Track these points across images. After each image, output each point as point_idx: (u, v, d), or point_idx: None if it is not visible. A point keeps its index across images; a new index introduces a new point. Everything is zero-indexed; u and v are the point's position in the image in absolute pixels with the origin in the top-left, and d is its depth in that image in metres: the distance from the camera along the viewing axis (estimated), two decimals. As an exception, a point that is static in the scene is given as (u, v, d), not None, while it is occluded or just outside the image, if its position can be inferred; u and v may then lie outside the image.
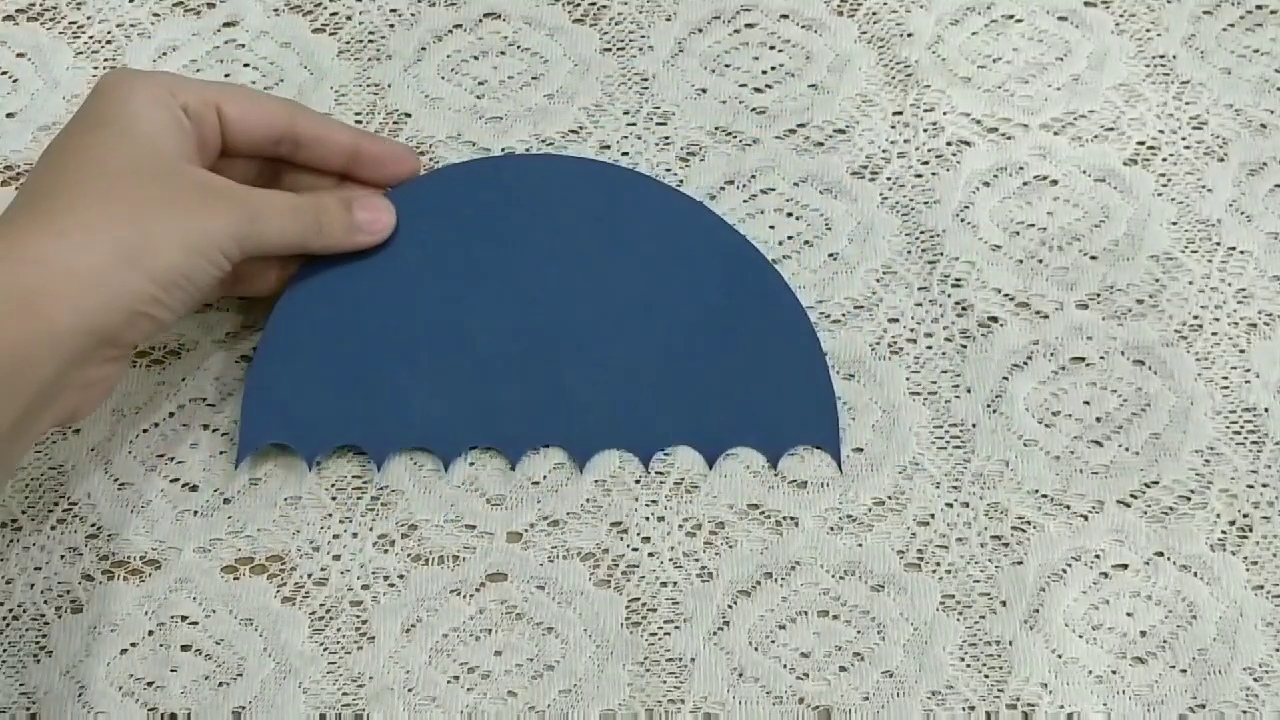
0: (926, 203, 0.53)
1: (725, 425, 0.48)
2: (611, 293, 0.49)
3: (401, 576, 0.47)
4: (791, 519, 0.47)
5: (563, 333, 0.49)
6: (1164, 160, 0.54)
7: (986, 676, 0.45)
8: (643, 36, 0.56)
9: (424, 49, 0.56)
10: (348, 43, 0.56)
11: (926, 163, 0.54)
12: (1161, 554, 0.47)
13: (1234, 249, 0.52)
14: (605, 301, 0.49)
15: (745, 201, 0.53)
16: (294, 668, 0.45)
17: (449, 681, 0.45)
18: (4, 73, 0.56)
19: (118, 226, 0.41)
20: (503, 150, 0.53)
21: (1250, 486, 0.48)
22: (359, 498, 0.48)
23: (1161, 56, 0.56)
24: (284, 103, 0.48)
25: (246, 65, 0.56)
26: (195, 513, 0.48)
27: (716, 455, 0.48)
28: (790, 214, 0.53)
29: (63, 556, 0.47)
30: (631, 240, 0.50)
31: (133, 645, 0.46)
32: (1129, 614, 0.46)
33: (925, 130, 0.54)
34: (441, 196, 0.51)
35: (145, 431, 0.49)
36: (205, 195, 0.43)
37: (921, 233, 0.52)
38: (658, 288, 0.50)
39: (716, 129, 0.54)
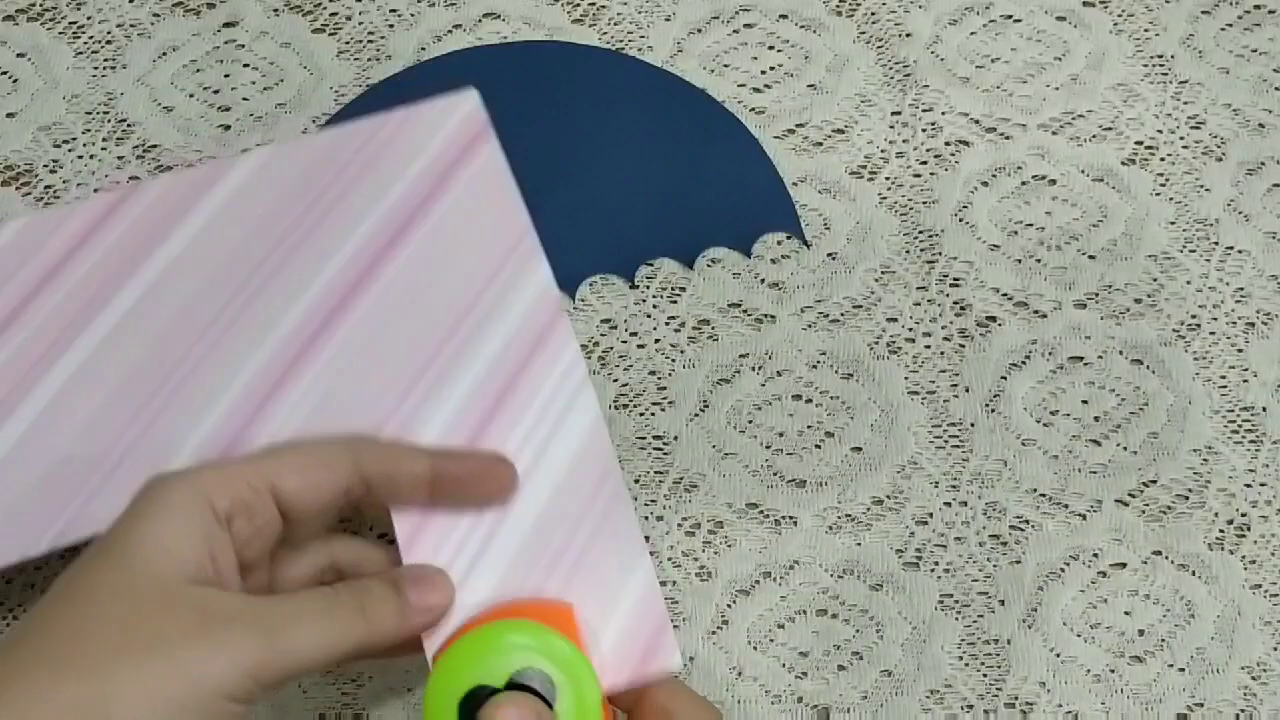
0: (925, 203, 0.53)
1: (697, 232, 0.52)
2: (581, 148, 0.54)
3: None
4: (790, 518, 0.47)
5: (548, 183, 0.52)
6: (1162, 160, 0.54)
7: (985, 675, 0.45)
8: (642, 37, 0.56)
9: (424, 49, 0.56)
10: (348, 43, 0.56)
11: (925, 163, 0.54)
12: (1159, 553, 0.47)
13: (1232, 248, 0.52)
14: (575, 154, 0.54)
15: (744, 201, 0.53)
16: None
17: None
18: (4, 73, 0.56)
19: (68, 686, 0.33)
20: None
21: (1248, 485, 0.48)
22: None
23: (1160, 56, 0.56)
24: (345, 446, 0.39)
25: (246, 65, 0.56)
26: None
27: (694, 259, 0.52)
28: (789, 214, 0.53)
29: (62, 556, 0.47)
30: (584, 103, 0.55)
31: (133, 644, 0.46)
32: (1127, 613, 0.46)
33: (924, 130, 0.54)
34: (431, 86, 0.53)
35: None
36: (202, 625, 0.34)
37: (920, 232, 0.52)
38: (615, 136, 0.54)
39: (715, 129, 0.54)
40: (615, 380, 0.50)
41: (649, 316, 0.51)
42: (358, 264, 0.48)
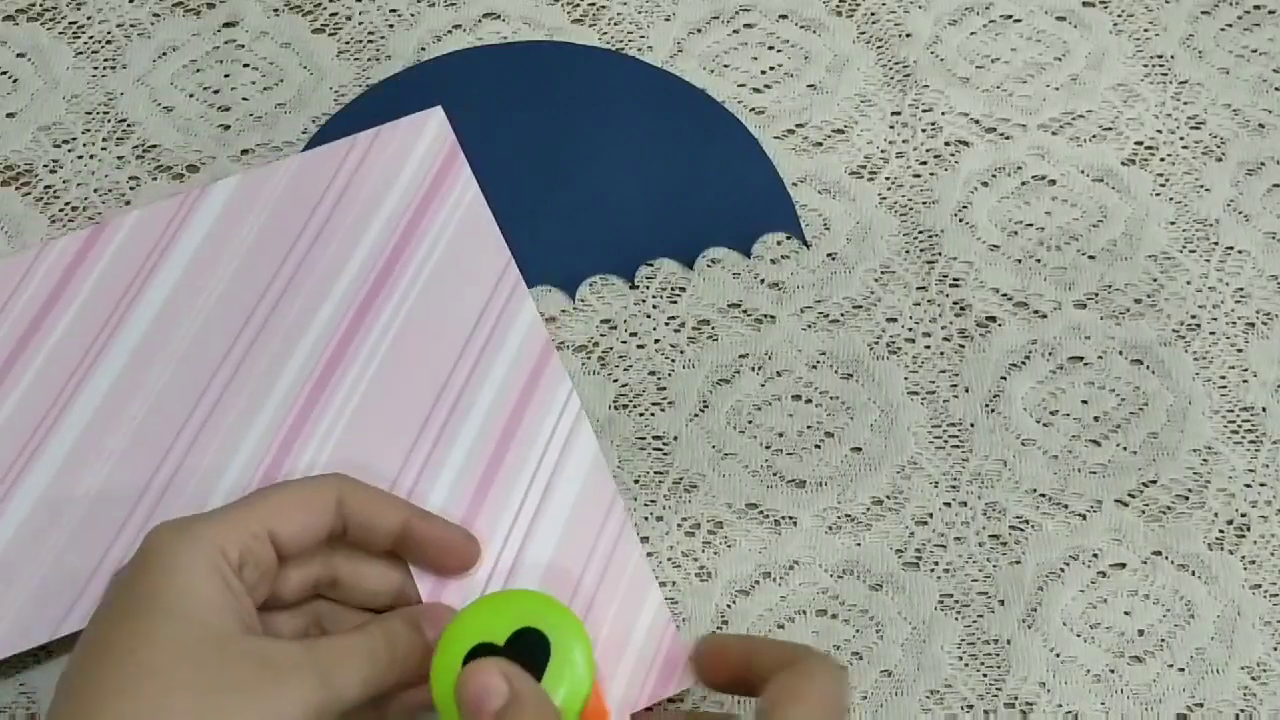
0: (925, 203, 0.53)
1: (697, 232, 0.52)
2: (581, 148, 0.53)
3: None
4: (790, 518, 0.47)
5: (548, 183, 0.52)
6: (1162, 160, 0.54)
7: (985, 675, 0.45)
8: (641, 37, 0.56)
9: (424, 49, 0.56)
10: (347, 43, 0.56)
11: (925, 163, 0.54)
12: (1159, 553, 0.47)
13: (1232, 248, 0.52)
14: (575, 154, 0.53)
15: (744, 201, 0.53)
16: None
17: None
18: (4, 73, 0.56)
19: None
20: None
21: (1248, 486, 0.48)
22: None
23: (1159, 56, 0.56)
24: (332, 486, 0.42)
25: (246, 65, 0.56)
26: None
27: (694, 259, 0.51)
28: (789, 214, 0.53)
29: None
30: (584, 103, 0.54)
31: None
32: (1127, 613, 0.46)
33: (924, 130, 0.54)
34: (431, 86, 0.54)
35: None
36: (267, 673, 0.37)
37: (920, 233, 0.52)
38: (615, 136, 0.53)
39: (715, 129, 0.54)
40: (615, 380, 0.50)
41: (649, 316, 0.51)
42: (350, 307, 0.48)
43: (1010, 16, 0.57)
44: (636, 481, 0.48)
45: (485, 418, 0.46)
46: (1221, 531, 0.47)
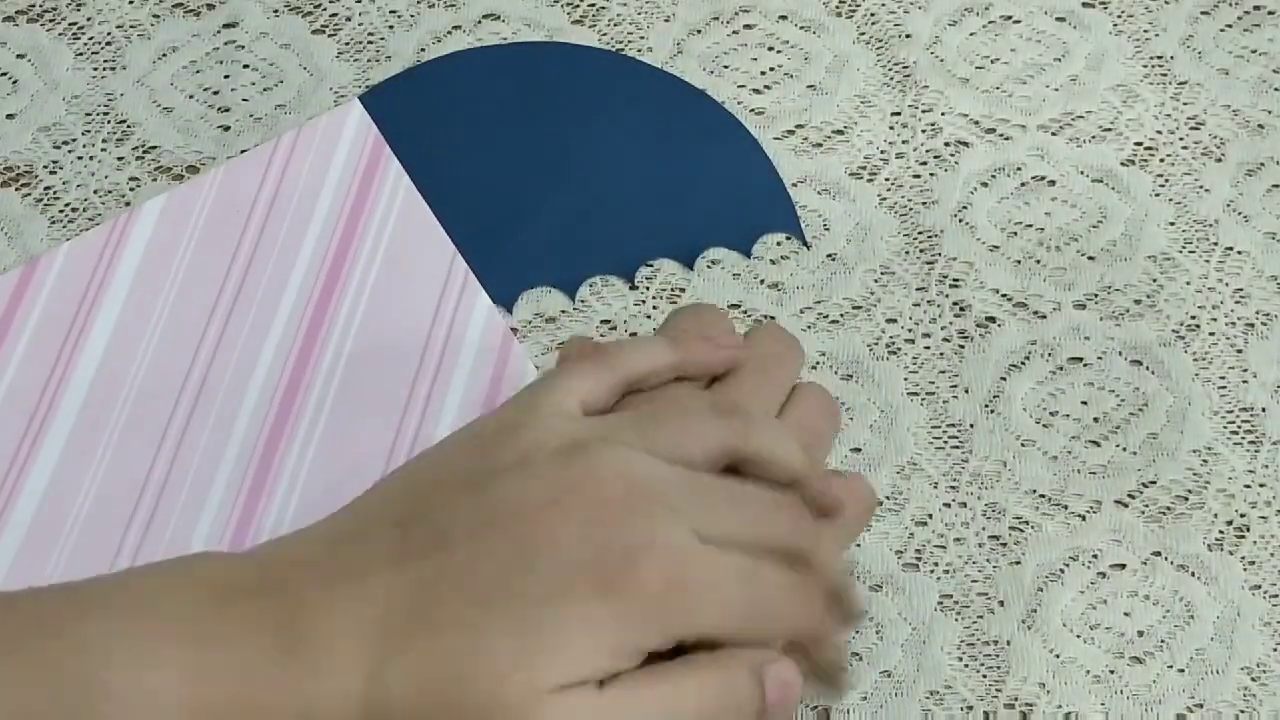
0: (924, 203, 0.53)
1: (697, 232, 0.52)
2: (581, 148, 0.53)
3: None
4: (790, 519, 0.47)
5: (548, 183, 0.52)
6: (1161, 161, 0.54)
7: (984, 676, 0.45)
8: (641, 37, 0.56)
9: (423, 50, 0.56)
10: (347, 44, 0.56)
11: (925, 163, 0.54)
12: (1159, 554, 0.47)
13: (1231, 249, 0.52)
14: (575, 155, 0.53)
15: (744, 202, 0.53)
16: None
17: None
18: (4, 74, 0.56)
19: None
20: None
21: (1248, 486, 0.48)
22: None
23: (1159, 57, 0.56)
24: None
25: (246, 66, 0.56)
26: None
27: (694, 259, 0.51)
28: (789, 214, 0.53)
29: (63, 557, 0.47)
30: (584, 104, 0.54)
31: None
32: (1126, 614, 0.46)
33: (923, 131, 0.54)
34: (431, 86, 0.54)
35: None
36: None
37: (919, 233, 0.52)
38: (615, 136, 0.53)
39: (715, 130, 0.54)
40: (615, 381, 0.50)
41: (649, 317, 0.51)
42: (303, 320, 0.48)
43: (1010, 17, 0.57)
44: (636, 482, 0.48)
45: (459, 414, 0.46)
46: (1221, 532, 0.47)
